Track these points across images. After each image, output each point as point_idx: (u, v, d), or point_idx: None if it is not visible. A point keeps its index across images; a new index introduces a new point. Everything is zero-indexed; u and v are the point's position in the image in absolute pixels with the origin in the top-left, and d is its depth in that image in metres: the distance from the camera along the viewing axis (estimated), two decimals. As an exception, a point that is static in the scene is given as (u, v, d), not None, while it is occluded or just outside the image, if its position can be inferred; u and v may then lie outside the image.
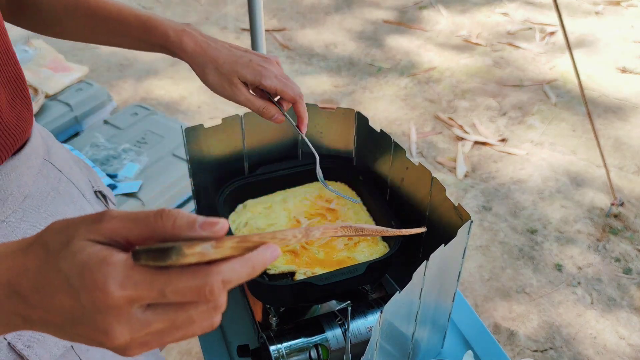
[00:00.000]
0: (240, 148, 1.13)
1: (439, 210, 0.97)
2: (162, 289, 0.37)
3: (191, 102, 3.11)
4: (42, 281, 0.39)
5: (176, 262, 0.36)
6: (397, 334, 0.87)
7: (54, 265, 0.38)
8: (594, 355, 1.89)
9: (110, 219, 0.39)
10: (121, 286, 0.37)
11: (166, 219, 0.38)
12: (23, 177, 0.68)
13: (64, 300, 0.38)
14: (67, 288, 0.38)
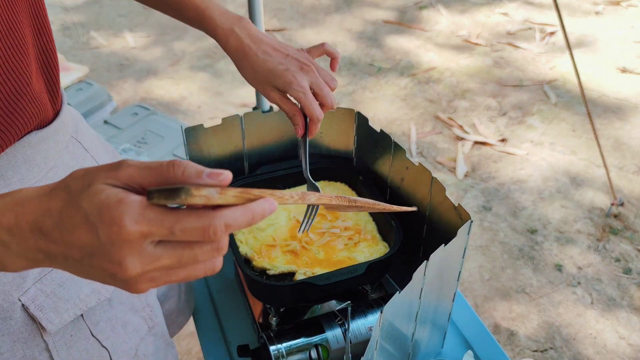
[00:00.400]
0: (240, 148, 1.13)
1: (439, 210, 0.97)
2: (172, 227, 0.42)
3: (191, 102, 3.11)
4: (64, 219, 0.44)
5: (184, 200, 0.39)
6: (397, 334, 0.87)
7: (75, 204, 0.43)
8: (594, 355, 1.89)
9: (127, 166, 0.44)
10: (136, 222, 0.41)
11: (177, 168, 0.43)
12: (50, 150, 0.71)
13: (83, 235, 0.43)
14: (86, 224, 0.43)
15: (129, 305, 0.84)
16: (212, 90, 3.20)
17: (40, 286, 0.70)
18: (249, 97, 3.13)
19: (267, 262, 1.00)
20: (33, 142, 0.68)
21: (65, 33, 3.72)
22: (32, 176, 0.69)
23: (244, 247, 1.02)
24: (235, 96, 3.15)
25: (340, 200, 0.61)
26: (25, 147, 0.67)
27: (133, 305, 0.85)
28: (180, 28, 3.75)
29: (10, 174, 0.66)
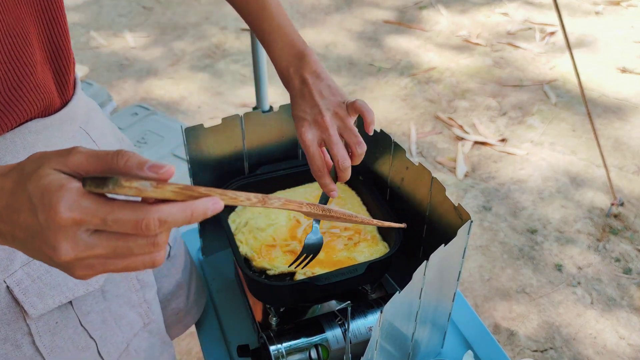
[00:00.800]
0: (240, 148, 1.13)
1: (439, 210, 0.97)
2: (105, 217, 0.42)
3: (191, 102, 3.11)
4: (13, 200, 0.45)
5: (112, 190, 0.39)
6: (397, 334, 0.87)
7: (23, 186, 0.44)
8: (594, 355, 1.89)
9: (77, 153, 0.44)
10: (69, 209, 0.42)
11: (120, 158, 0.43)
12: (52, 139, 0.71)
13: (27, 217, 0.44)
14: (30, 206, 0.43)
15: (125, 299, 0.84)
16: (212, 90, 3.20)
17: (27, 270, 0.70)
18: (249, 97, 3.13)
19: (267, 262, 0.99)
20: (35, 129, 0.69)
21: (65, 33, 3.72)
22: None
23: (244, 247, 1.02)
24: (235, 96, 3.15)
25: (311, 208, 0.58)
26: (25, 134, 0.68)
27: (129, 299, 0.85)
28: (180, 28, 3.75)
29: (9, 158, 0.67)
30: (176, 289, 1.05)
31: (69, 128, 0.75)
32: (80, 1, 4.09)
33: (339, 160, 0.81)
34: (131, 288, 0.85)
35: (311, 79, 0.85)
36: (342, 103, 0.83)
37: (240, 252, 1.01)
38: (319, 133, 0.83)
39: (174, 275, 1.04)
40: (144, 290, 0.88)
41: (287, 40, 0.87)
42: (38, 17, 0.69)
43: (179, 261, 1.05)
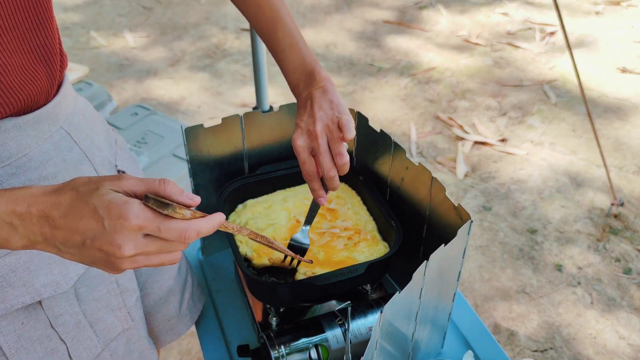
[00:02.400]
0: (240, 148, 1.13)
1: (439, 210, 0.97)
2: (159, 226, 0.57)
3: (191, 102, 3.11)
4: (73, 210, 0.56)
5: (169, 213, 0.58)
6: (397, 334, 0.87)
7: (86, 200, 0.56)
8: (593, 355, 1.89)
9: (128, 179, 0.59)
10: (136, 217, 0.56)
11: (166, 185, 0.59)
12: (26, 138, 0.72)
13: (88, 223, 0.56)
14: (94, 215, 0.56)
15: (103, 303, 0.83)
16: (212, 90, 3.20)
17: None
18: (249, 97, 3.13)
19: (267, 261, 1.00)
20: (5, 128, 0.69)
21: (65, 33, 3.72)
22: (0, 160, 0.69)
23: (243, 247, 1.02)
24: (235, 96, 3.15)
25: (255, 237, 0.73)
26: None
27: (108, 303, 0.84)
28: (180, 28, 3.75)
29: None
30: (167, 295, 1.04)
31: (45, 128, 0.74)
32: (80, 1, 4.09)
33: (324, 168, 0.87)
34: (110, 292, 0.84)
35: (317, 93, 0.89)
36: (337, 117, 0.87)
37: (240, 252, 1.01)
38: (310, 141, 0.87)
39: (166, 281, 1.02)
40: (124, 296, 0.87)
41: (299, 58, 0.91)
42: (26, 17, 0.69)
43: (170, 267, 1.04)
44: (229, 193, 1.09)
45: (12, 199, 0.57)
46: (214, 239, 1.25)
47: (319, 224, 1.08)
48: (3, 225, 0.57)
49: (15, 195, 0.57)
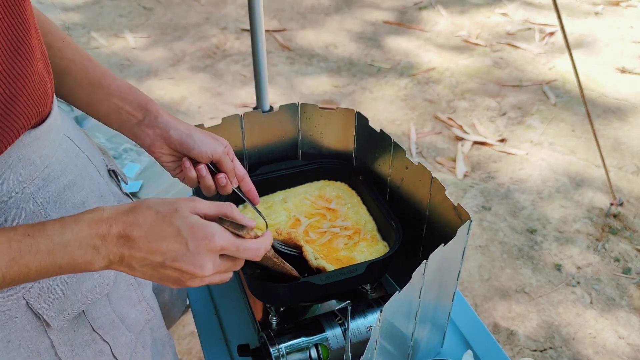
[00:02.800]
0: (240, 148, 1.14)
1: (438, 210, 0.97)
2: (238, 246, 0.65)
3: (192, 102, 3.12)
4: (155, 231, 0.61)
5: (244, 234, 0.65)
6: (396, 333, 0.87)
7: (169, 222, 0.61)
8: (593, 354, 1.90)
9: (200, 201, 0.65)
10: (220, 239, 0.62)
11: (232, 208, 0.67)
12: (44, 149, 0.72)
13: (173, 245, 0.61)
14: (177, 237, 0.61)
15: (127, 299, 0.85)
16: (213, 90, 3.21)
17: (42, 284, 0.71)
18: (249, 97, 3.13)
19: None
20: (27, 141, 0.69)
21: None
22: (29, 174, 0.69)
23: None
24: (236, 96, 3.16)
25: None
26: (19, 147, 0.68)
27: (131, 299, 0.86)
28: (180, 28, 3.75)
29: (8, 174, 0.67)
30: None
31: (55, 136, 0.75)
32: (80, 1, 4.09)
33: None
34: (130, 287, 0.86)
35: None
36: None
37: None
38: None
39: None
40: (141, 288, 0.89)
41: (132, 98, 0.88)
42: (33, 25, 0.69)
43: None
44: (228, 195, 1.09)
45: (92, 221, 0.60)
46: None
47: (320, 223, 1.08)
48: (88, 248, 0.60)
49: (94, 217, 0.61)
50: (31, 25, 0.67)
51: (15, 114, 0.65)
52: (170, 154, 0.89)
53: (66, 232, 0.59)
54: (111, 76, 0.88)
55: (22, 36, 0.64)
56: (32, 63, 0.66)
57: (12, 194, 0.68)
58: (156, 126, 0.87)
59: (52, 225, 0.60)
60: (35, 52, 0.67)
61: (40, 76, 0.69)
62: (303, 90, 3.18)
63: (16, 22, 0.64)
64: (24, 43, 0.65)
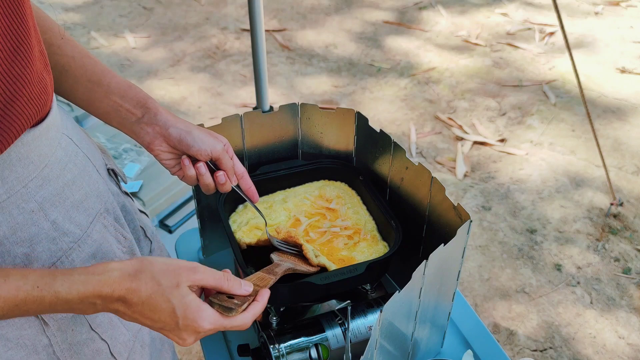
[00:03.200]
0: (240, 148, 1.14)
1: (438, 210, 0.97)
2: (225, 325, 0.70)
3: (192, 102, 3.12)
4: (152, 302, 0.65)
5: (233, 315, 0.70)
6: (396, 333, 0.87)
7: (166, 298, 0.66)
8: (593, 354, 1.90)
9: (202, 272, 0.70)
10: (208, 324, 0.68)
11: (229, 282, 0.72)
12: (43, 148, 0.72)
13: (164, 318, 0.66)
14: (171, 314, 0.66)
15: None
16: (213, 90, 3.21)
17: None
18: (249, 97, 3.13)
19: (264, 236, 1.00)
20: (26, 141, 0.69)
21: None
22: (28, 174, 0.70)
23: (245, 239, 1.03)
24: (236, 96, 3.16)
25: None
26: (19, 146, 0.68)
27: None
28: (180, 28, 3.75)
29: (7, 173, 0.67)
30: None
31: (54, 135, 0.75)
32: (80, 2, 4.09)
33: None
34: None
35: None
36: None
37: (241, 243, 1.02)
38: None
39: None
40: None
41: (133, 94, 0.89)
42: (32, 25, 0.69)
43: (160, 255, 1.06)
44: (229, 193, 1.09)
45: (98, 284, 0.64)
46: (213, 239, 1.26)
47: (320, 222, 1.08)
48: (88, 304, 0.64)
49: (100, 280, 0.64)
50: (30, 25, 0.67)
51: (15, 114, 0.65)
52: (170, 151, 0.89)
53: (72, 292, 0.63)
54: (110, 74, 0.88)
55: (21, 36, 0.64)
56: (31, 63, 0.66)
57: (11, 193, 0.68)
58: (155, 124, 0.87)
59: (61, 281, 0.63)
60: (34, 52, 0.67)
61: (39, 76, 0.69)
62: (303, 90, 3.18)
63: (15, 22, 0.64)
64: (23, 43, 0.65)
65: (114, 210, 0.85)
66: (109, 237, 0.81)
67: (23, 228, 0.69)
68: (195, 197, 1.15)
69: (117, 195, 0.90)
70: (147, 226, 1.00)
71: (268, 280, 0.84)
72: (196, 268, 0.69)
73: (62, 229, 0.73)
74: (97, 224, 0.79)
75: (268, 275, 0.86)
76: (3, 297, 0.60)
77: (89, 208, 0.78)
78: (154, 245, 1.03)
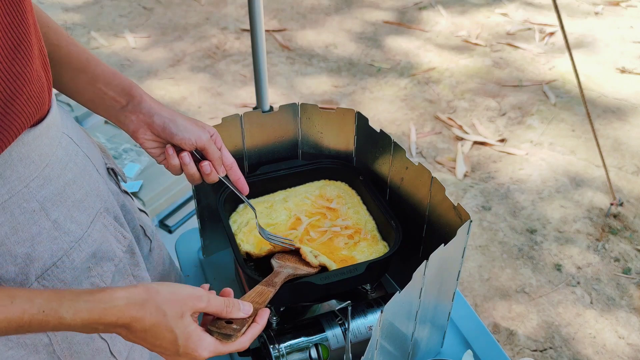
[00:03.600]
0: (240, 148, 1.14)
1: (438, 210, 0.97)
2: (223, 351, 0.72)
3: (192, 102, 3.12)
4: (155, 330, 0.67)
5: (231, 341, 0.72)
6: (397, 333, 0.87)
7: (170, 327, 0.67)
8: (593, 354, 1.90)
9: (206, 302, 0.71)
10: (208, 352, 0.70)
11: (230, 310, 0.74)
12: (44, 147, 0.72)
13: (166, 345, 0.68)
14: (173, 342, 0.68)
15: None
16: (213, 90, 3.21)
17: (42, 282, 0.71)
18: (249, 97, 3.13)
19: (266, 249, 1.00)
20: (27, 140, 0.69)
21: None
22: (29, 173, 0.70)
23: (245, 245, 1.03)
24: (236, 96, 3.16)
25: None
26: (19, 146, 0.68)
27: None
28: (180, 29, 3.75)
29: (8, 172, 0.67)
30: (160, 280, 1.07)
31: (54, 134, 0.75)
32: (80, 2, 4.09)
33: None
34: (127, 284, 0.86)
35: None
36: None
37: (241, 251, 1.02)
38: None
39: (157, 267, 1.06)
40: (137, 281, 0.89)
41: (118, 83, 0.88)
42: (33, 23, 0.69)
43: (159, 254, 1.07)
44: (229, 193, 1.09)
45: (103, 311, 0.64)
46: (214, 239, 1.26)
47: (320, 222, 1.08)
48: (90, 329, 0.65)
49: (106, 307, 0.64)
50: (30, 23, 0.67)
51: (15, 112, 0.65)
52: (154, 140, 0.88)
53: (76, 319, 0.63)
54: (95, 61, 0.88)
55: (22, 34, 0.64)
56: (31, 61, 0.66)
57: (13, 192, 0.68)
58: (139, 112, 0.86)
59: (66, 308, 0.63)
60: (34, 50, 0.67)
61: (38, 74, 0.69)
62: (303, 90, 3.18)
63: (16, 21, 0.64)
64: (24, 41, 0.65)
65: (113, 209, 0.85)
66: (109, 237, 0.81)
67: (24, 228, 0.69)
68: (195, 197, 1.14)
69: (116, 195, 0.90)
70: (146, 225, 1.00)
71: (268, 293, 0.84)
72: (201, 297, 0.70)
73: (63, 229, 0.73)
74: (97, 223, 0.79)
75: (267, 288, 0.85)
76: (8, 319, 0.60)
77: (89, 207, 0.78)
78: (154, 244, 1.03)
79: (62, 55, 0.86)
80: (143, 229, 0.97)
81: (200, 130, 0.87)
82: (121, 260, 0.83)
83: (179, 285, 0.71)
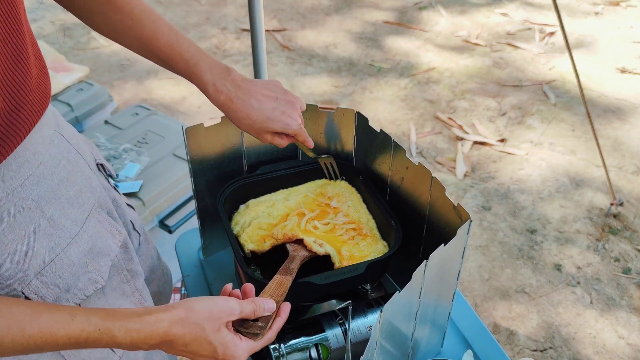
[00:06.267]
0: (239, 147, 1.14)
1: (438, 210, 0.97)
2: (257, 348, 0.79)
3: (192, 102, 3.12)
4: (196, 344, 0.73)
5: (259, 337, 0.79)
6: (397, 333, 0.87)
7: (209, 340, 0.73)
8: (593, 354, 1.90)
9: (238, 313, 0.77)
10: (243, 354, 0.77)
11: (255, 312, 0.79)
12: (37, 145, 0.73)
13: (207, 354, 0.74)
14: (213, 352, 0.74)
15: (119, 291, 0.86)
16: (212, 90, 3.21)
17: (41, 278, 0.71)
18: (249, 97, 3.13)
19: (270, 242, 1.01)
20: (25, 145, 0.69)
21: (65, 33, 3.73)
22: (24, 172, 0.70)
23: (249, 245, 1.03)
24: (235, 96, 3.16)
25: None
26: (18, 151, 0.68)
27: (123, 291, 0.87)
28: (180, 28, 3.75)
29: (3, 172, 0.68)
30: (150, 273, 1.09)
31: (47, 132, 0.76)
32: (80, 1, 4.09)
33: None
34: (123, 279, 0.87)
35: (249, 82, 0.96)
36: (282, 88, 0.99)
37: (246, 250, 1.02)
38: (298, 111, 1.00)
39: (146, 260, 1.08)
40: (134, 280, 0.90)
41: (211, 62, 1.01)
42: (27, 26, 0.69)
43: (147, 247, 1.09)
44: (229, 193, 1.09)
45: (150, 332, 0.69)
46: (214, 239, 1.26)
47: (322, 216, 1.09)
48: (134, 347, 0.69)
49: (152, 330, 0.69)
50: (25, 32, 0.67)
51: (20, 121, 0.66)
52: None
53: (127, 338, 0.68)
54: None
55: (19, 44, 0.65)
56: (29, 69, 0.67)
57: (8, 191, 0.68)
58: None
59: (119, 328, 0.67)
60: (31, 58, 0.67)
61: (37, 81, 0.69)
62: (303, 90, 3.18)
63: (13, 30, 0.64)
64: (22, 51, 0.65)
65: (106, 205, 0.86)
66: (104, 232, 0.82)
67: (21, 225, 0.69)
68: (195, 197, 1.15)
69: (108, 190, 0.91)
70: (135, 219, 1.02)
71: (287, 282, 0.88)
72: (233, 310, 0.76)
73: (59, 226, 0.74)
74: (92, 219, 0.80)
75: (285, 276, 0.90)
76: (69, 336, 0.64)
77: (83, 204, 0.79)
78: (142, 238, 1.05)
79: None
80: (132, 223, 0.99)
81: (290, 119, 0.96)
82: (117, 255, 0.84)
83: (211, 299, 0.76)
